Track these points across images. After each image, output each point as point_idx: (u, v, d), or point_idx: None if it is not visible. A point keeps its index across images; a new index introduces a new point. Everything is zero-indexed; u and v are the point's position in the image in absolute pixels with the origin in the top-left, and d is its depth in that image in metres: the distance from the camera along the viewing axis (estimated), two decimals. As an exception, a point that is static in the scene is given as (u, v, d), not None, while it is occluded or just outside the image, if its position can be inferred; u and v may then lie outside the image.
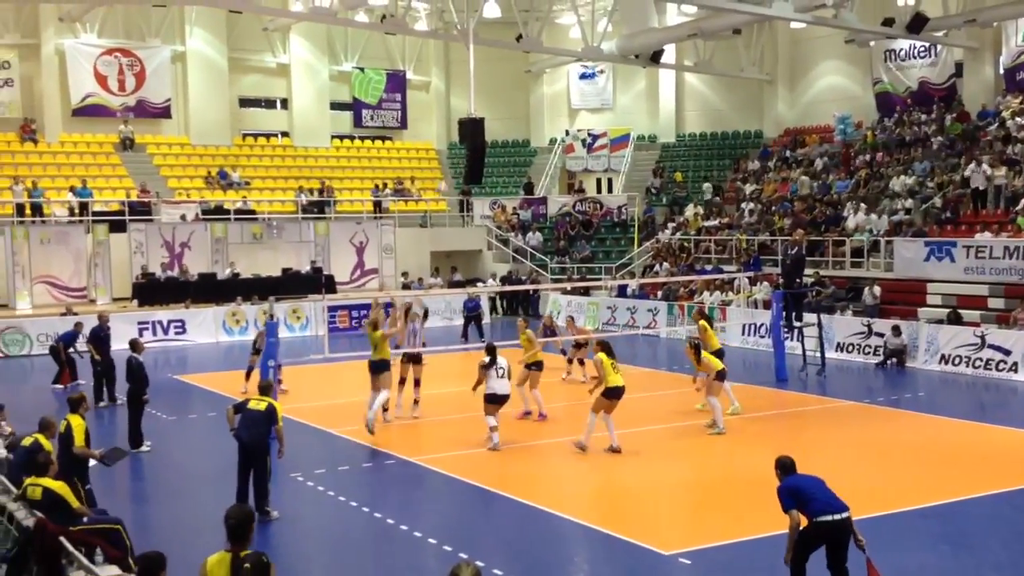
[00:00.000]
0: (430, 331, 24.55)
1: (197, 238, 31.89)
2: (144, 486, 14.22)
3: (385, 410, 16.83)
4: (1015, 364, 20.69)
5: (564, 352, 22.41)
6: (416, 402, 17.96)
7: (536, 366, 17.73)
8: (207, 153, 37.77)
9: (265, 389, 12.83)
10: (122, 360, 16.93)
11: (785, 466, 9.05)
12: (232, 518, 6.79)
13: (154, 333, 28.33)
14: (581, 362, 21.40)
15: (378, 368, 16.18)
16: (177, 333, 28.46)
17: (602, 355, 14.89)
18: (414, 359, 18.00)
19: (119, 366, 19.68)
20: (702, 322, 18.54)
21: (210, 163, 37.27)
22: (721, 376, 16.59)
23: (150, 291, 29.80)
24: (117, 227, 30.87)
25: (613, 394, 14.75)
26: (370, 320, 17.04)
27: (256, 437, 12.05)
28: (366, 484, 13.68)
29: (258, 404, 12.21)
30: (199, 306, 29.66)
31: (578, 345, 21.43)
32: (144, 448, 15.66)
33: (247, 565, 6.26)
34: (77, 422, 11.01)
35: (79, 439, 10.89)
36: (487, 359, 15.15)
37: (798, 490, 8.73)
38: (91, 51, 36.07)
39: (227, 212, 33.48)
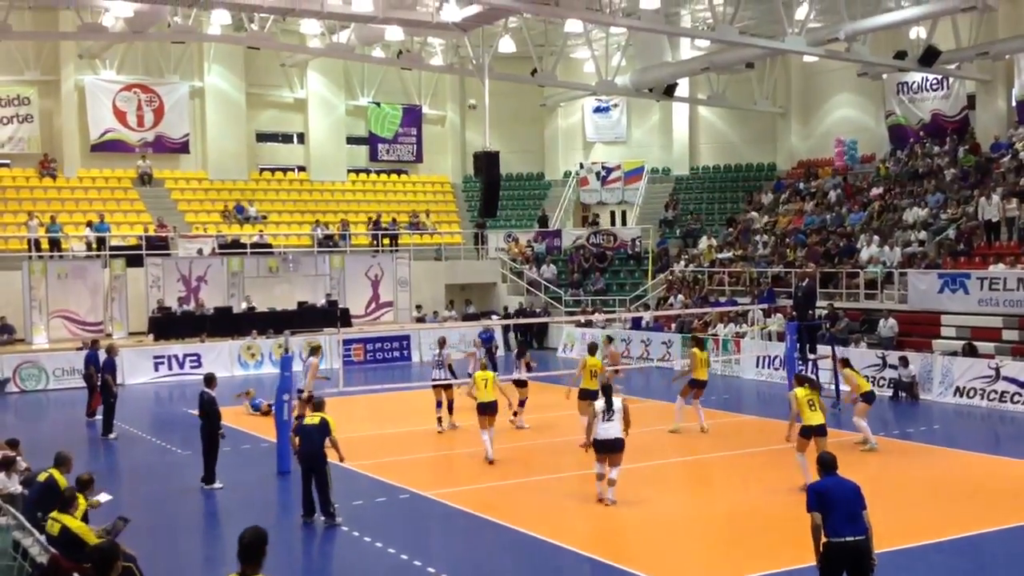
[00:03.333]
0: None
1: (213, 272, 32.07)
2: (161, 520, 14.26)
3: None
4: (1031, 397, 20.62)
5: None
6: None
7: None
8: (224, 187, 38.11)
9: (319, 405, 14.01)
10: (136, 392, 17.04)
11: (824, 464, 9.12)
12: (245, 537, 6.77)
13: (169, 367, 28.52)
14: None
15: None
16: (193, 367, 28.57)
17: (796, 390, 14.63)
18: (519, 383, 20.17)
19: (129, 397, 19.95)
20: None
21: (227, 197, 37.59)
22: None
23: (166, 325, 29.95)
24: (134, 261, 31.10)
25: (809, 432, 14.36)
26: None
27: (312, 448, 13.32)
28: (380, 519, 13.70)
29: (312, 419, 13.59)
30: (215, 340, 29.80)
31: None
32: (217, 486, 15.48)
33: None
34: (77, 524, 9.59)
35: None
36: (600, 402, 13.85)
37: (824, 496, 8.73)
38: (110, 87, 36.54)
39: (243, 246, 33.65)
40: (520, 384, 20.47)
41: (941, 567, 11.15)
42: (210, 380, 16.09)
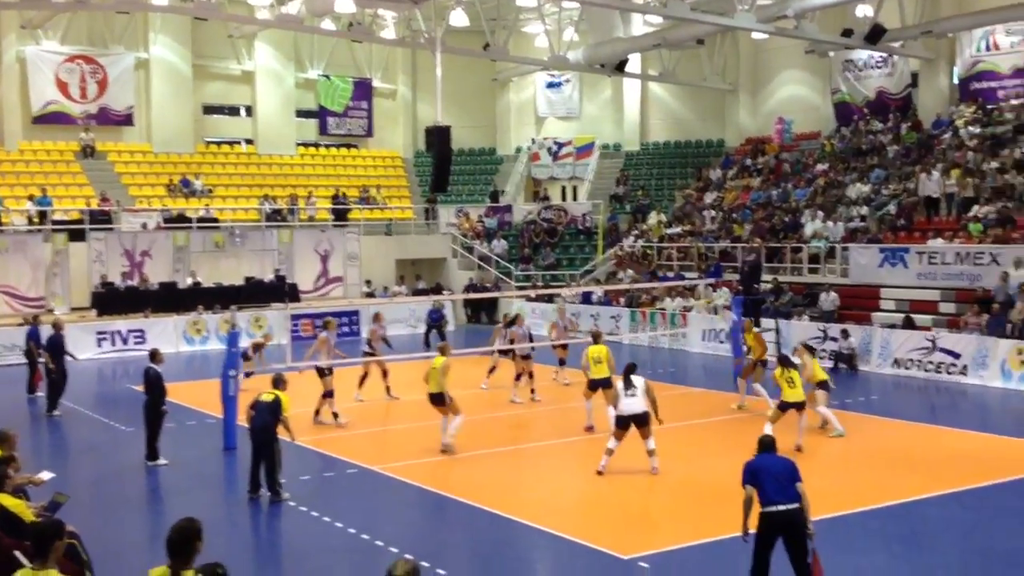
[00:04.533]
0: (394, 339, 24.64)
1: (158, 247, 31.68)
2: (105, 497, 14.16)
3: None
4: (964, 367, 21.14)
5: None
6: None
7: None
8: (169, 161, 37.55)
9: (276, 382, 13.82)
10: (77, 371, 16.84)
11: (761, 443, 9.43)
12: (173, 532, 6.39)
13: (113, 343, 28.19)
14: (563, 363, 22.04)
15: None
16: (137, 343, 28.27)
17: (776, 370, 15.20)
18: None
19: (72, 373, 19.79)
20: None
21: (172, 171, 37.07)
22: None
23: (110, 300, 29.58)
24: (76, 236, 30.61)
25: (787, 407, 15.14)
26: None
27: (260, 424, 13.21)
28: (328, 494, 13.72)
29: (267, 396, 13.44)
30: (159, 315, 29.47)
31: (564, 346, 21.88)
32: (161, 462, 15.36)
33: None
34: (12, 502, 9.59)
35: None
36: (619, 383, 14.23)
37: (757, 471, 9.01)
38: (53, 58, 35.81)
39: (189, 220, 33.29)
40: (505, 354, 21.08)
41: (877, 533, 11.42)
42: (155, 355, 15.94)
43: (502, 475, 14.57)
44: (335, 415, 18.12)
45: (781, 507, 8.78)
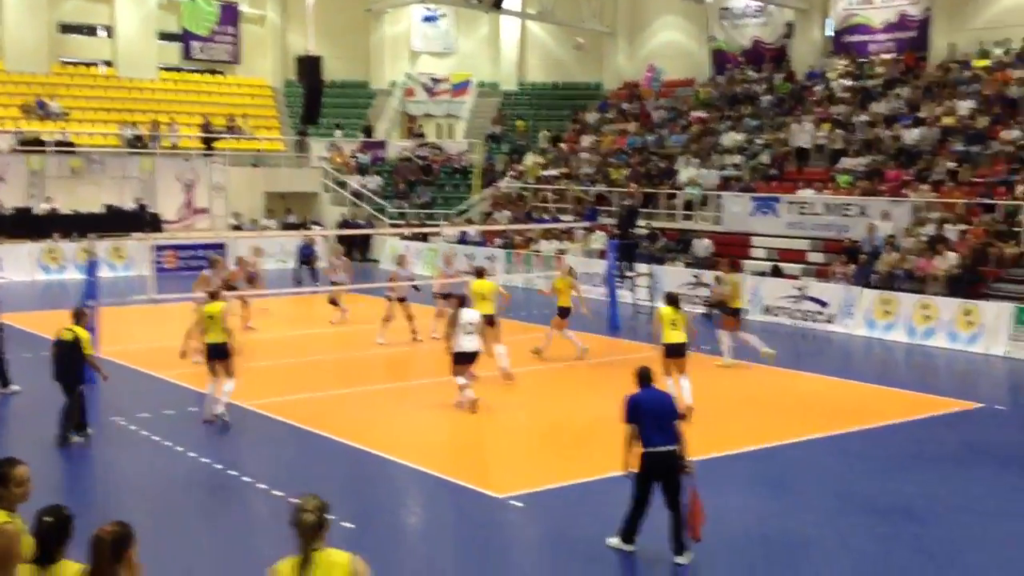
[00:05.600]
0: (264, 274, 23.91)
1: (12, 170, 30.13)
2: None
3: None
4: (831, 316, 21.77)
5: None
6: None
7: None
8: (23, 80, 35.35)
9: (77, 316, 12.68)
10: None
11: (640, 376, 9.33)
12: (43, 516, 5.07)
13: (-38, 269, 26.65)
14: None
15: None
16: (-11, 270, 26.80)
17: (661, 308, 14.33)
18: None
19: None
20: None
21: (26, 91, 34.92)
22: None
23: (-41, 225, 27.98)
24: (-79, 156, 28.74)
25: (669, 352, 14.12)
26: None
27: (61, 366, 12.27)
28: (193, 429, 13.19)
29: (66, 334, 12.34)
30: (14, 242, 28.08)
31: (445, 296, 19.34)
32: (14, 388, 14.76)
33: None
34: None
35: None
36: (453, 312, 14.25)
37: (638, 407, 9.00)
38: None
39: (44, 144, 31.58)
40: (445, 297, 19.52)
41: (745, 475, 11.62)
42: None
43: (377, 414, 14.29)
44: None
45: (661, 448, 8.85)
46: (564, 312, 18.26)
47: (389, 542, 9.50)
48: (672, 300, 14.60)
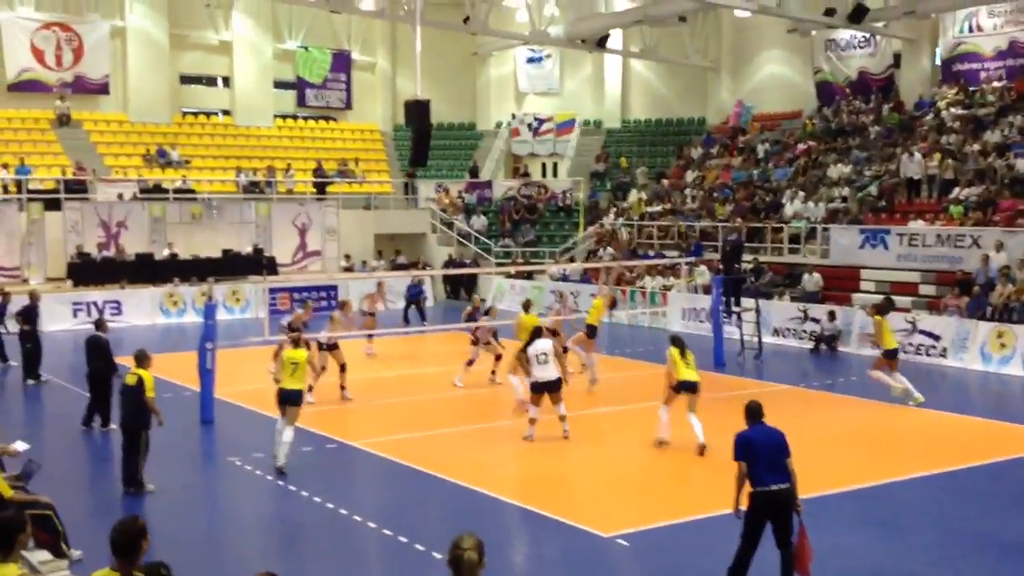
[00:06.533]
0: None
1: (134, 217, 31.27)
2: (78, 466, 13.99)
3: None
4: (944, 349, 21.20)
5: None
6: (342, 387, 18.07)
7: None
8: (146, 131, 37.10)
9: (139, 359, 12.41)
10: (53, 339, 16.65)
11: (750, 412, 9.20)
12: (115, 531, 5.79)
13: (88, 314, 27.75)
14: (565, 350, 19.54)
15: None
16: (113, 314, 27.91)
17: (670, 349, 14.48)
18: (332, 347, 18.33)
19: (46, 345, 19.62)
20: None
21: (149, 141, 36.63)
22: None
23: (85, 271, 29.23)
24: (52, 205, 30.20)
25: (683, 388, 14.28)
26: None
27: (125, 411, 12.21)
28: (306, 469, 13.57)
29: (130, 378, 12.24)
30: (136, 287, 29.16)
31: (554, 332, 19.41)
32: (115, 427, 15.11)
33: None
34: None
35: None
36: (527, 344, 14.82)
37: (749, 445, 8.87)
38: (28, 24, 35.20)
39: (166, 191, 32.88)
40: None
41: (857, 514, 11.43)
42: (100, 324, 16.21)
43: (482, 452, 14.48)
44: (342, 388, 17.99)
45: (773, 487, 8.72)
46: (592, 331, 18.83)
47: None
48: (678, 342, 14.48)
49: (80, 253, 29.75)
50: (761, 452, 8.80)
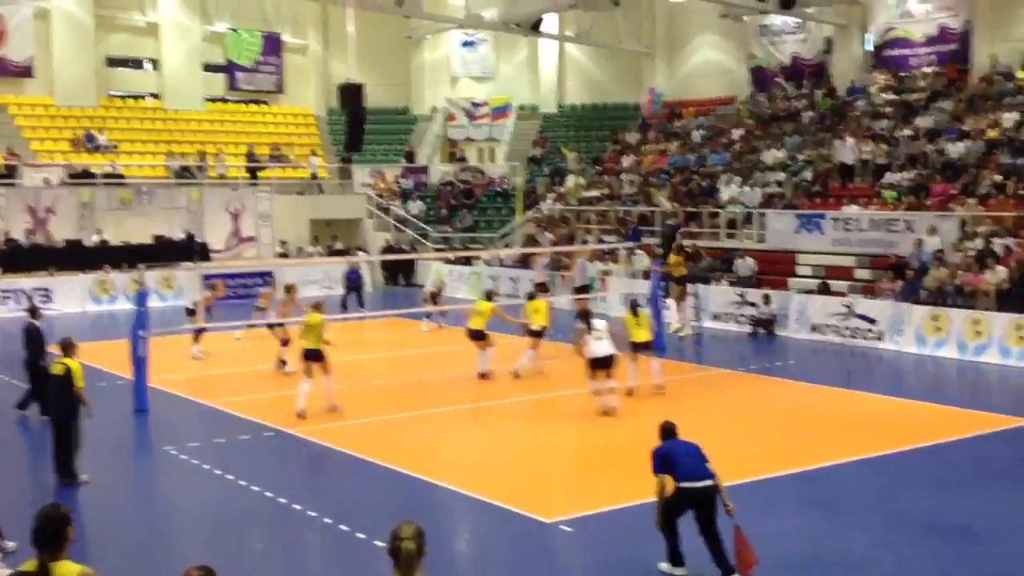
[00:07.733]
0: (310, 301, 24.10)
1: (62, 203, 30.56)
2: (20, 460, 13.56)
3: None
4: (880, 333, 21.52)
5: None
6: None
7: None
8: (72, 115, 36.11)
9: (66, 347, 12.21)
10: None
11: (664, 430, 9.42)
12: (35, 520, 5.48)
13: (18, 302, 27.04)
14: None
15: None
16: (42, 301, 27.15)
17: (626, 315, 16.05)
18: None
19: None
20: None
21: (75, 125, 35.67)
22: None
23: (14, 258, 28.57)
24: (-26, 191, 29.40)
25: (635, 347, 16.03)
26: None
27: (54, 402, 12.06)
28: (244, 457, 13.36)
29: (57, 367, 12.00)
30: (65, 274, 28.52)
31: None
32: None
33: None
34: None
35: None
36: (580, 323, 15.75)
37: (668, 455, 9.04)
38: (-55, 5, 34.07)
39: (94, 176, 32.15)
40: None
41: (796, 497, 11.52)
42: (34, 311, 15.92)
43: (423, 438, 14.34)
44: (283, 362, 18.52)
45: (698, 484, 8.86)
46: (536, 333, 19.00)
47: (439, 569, 9.50)
48: (632, 306, 16.64)
49: (7, 239, 29.02)
50: (680, 460, 8.98)
